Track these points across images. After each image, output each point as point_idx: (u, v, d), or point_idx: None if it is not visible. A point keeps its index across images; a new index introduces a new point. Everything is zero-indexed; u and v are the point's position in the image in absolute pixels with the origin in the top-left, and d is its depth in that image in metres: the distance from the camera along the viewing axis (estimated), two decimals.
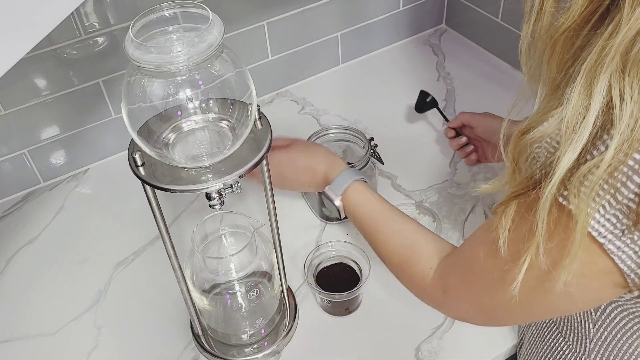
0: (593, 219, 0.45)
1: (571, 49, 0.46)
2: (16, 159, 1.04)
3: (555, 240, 0.48)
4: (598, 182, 0.43)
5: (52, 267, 0.96)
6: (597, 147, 0.44)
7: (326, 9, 1.20)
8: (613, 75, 0.41)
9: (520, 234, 0.51)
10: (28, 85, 0.98)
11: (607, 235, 0.45)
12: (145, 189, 0.62)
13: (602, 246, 0.46)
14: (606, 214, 0.45)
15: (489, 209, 0.99)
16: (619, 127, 0.42)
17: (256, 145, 0.63)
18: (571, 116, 0.44)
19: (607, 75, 0.42)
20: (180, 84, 0.58)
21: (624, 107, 0.41)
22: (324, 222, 0.99)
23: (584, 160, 0.44)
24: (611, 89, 0.42)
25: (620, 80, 0.41)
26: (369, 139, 0.97)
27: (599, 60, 0.42)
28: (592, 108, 0.43)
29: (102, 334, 0.87)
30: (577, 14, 0.44)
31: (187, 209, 1.03)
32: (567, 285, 0.48)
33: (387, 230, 0.73)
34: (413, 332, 0.83)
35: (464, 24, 1.36)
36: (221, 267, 0.77)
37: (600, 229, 0.45)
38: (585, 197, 0.44)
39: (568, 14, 0.44)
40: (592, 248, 0.47)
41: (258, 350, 0.82)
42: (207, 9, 0.57)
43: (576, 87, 0.43)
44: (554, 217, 0.47)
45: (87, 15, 0.95)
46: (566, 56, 0.46)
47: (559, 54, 0.47)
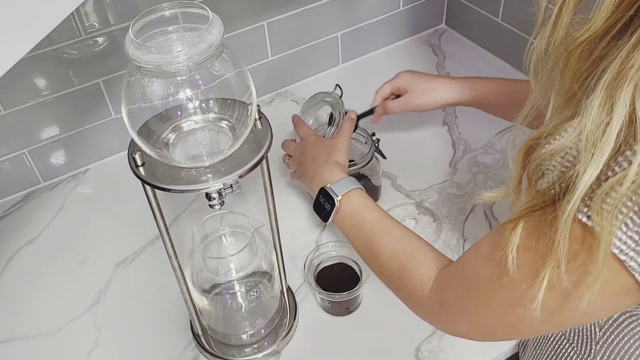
0: (615, 237, 0.44)
1: (588, 60, 0.45)
2: (16, 159, 1.04)
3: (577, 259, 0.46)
4: (621, 200, 0.42)
5: (52, 267, 0.96)
6: (619, 163, 0.42)
7: (326, 9, 1.20)
8: (637, 88, 0.40)
9: (536, 252, 0.49)
10: (28, 85, 0.98)
11: (629, 253, 0.44)
12: (145, 189, 0.62)
13: (623, 263, 0.45)
14: (629, 231, 0.44)
15: (489, 209, 0.99)
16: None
17: (256, 145, 0.63)
18: (591, 129, 0.42)
19: (630, 87, 0.40)
20: (180, 84, 0.58)
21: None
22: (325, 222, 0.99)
23: (604, 177, 0.43)
24: (635, 101, 0.40)
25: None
26: (370, 134, 0.97)
27: (622, 72, 0.40)
28: (614, 121, 0.41)
29: (102, 334, 0.87)
30: (599, 26, 0.43)
31: (187, 209, 1.03)
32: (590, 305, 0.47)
33: (388, 236, 0.70)
34: (413, 332, 0.83)
35: (464, 24, 1.36)
36: (221, 267, 0.77)
37: (622, 247, 0.44)
38: (608, 215, 0.43)
39: (589, 26, 0.43)
40: (613, 265, 0.45)
41: (258, 350, 0.82)
42: (207, 9, 0.57)
43: (596, 99, 0.42)
44: (575, 235, 0.46)
45: (87, 15, 0.95)
46: (582, 67, 0.45)
47: (574, 65, 0.46)
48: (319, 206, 0.78)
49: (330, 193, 0.76)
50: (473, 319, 0.58)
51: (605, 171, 0.43)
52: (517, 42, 1.20)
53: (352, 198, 0.75)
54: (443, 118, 1.17)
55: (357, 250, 0.75)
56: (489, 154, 1.09)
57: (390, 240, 0.70)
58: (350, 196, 0.75)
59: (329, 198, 0.76)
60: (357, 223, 0.74)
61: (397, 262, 0.68)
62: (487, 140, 1.11)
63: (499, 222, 0.96)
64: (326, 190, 0.77)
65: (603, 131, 0.42)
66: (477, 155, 1.09)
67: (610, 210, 0.43)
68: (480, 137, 1.11)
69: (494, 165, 1.06)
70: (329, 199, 0.76)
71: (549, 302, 0.50)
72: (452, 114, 1.17)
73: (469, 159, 1.08)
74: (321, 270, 0.88)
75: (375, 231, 0.72)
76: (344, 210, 0.75)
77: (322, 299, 0.85)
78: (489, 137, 1.11)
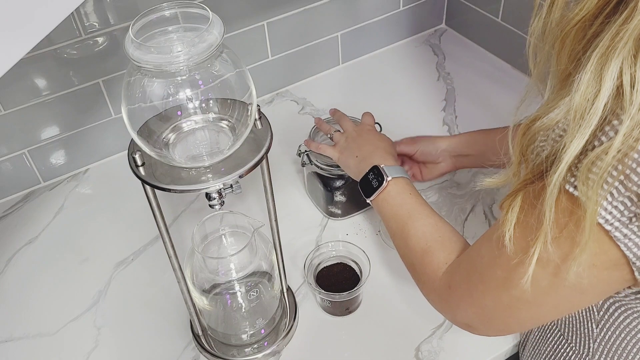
0: (601, 207, 0.44)
1: (583, 40, 0.45)
2: (16, 159, 1.04)
3: (564, 230, 0.47)
4: (607, 169, 0.43)
5: (52, 267, 0.96)
6: (605, 133, 0.43)
7: (326, 9, 1.20)
8: (625, 60, 0.41)
9: (527, 227, 0.50)
10: (28, 85, 0.98)
11: (614, 223, 0.45)
12: (145, 189, 0.62)
13: (609, 234, 0.45)
14: (614, 201, 0.44)
15: (489, 209, 0.99)
16: (629, 112, 0.41)
17: (256, 145, 0.63)
18: (579, 102, 0.43)
19: (619, 60, 0.41)
20: (180, 84, 0.58)
21: (635, 92, 0.41)
22: (327, 217, 0.99)
23: (591, 147, 0.44)
24: (622, 74, 0.41)
25: (632, 65, 0.41)
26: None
27: (612, 45, 0.41)
28: (602, 93, 0.42)
29: (102, 334, 0.87)
30: (592, 5, 0.44)
31: (187, 209, 1.03)
32: (578, 277, 0.47)
33: (422, 220, 0.73)
34: (413, 332, 0.83)
35: (464, 24, 1.36)
36: (221, 267, 0.77)
37: (607, 217, 0.45)
38: (593, 184, 0.44)
39: (582, 5, 0.44)
40: (600, 237, 0.46)
41: (258, 350, 0.82)
42: (207, 9, 0.57)
43: (586, 73, 0.43)
44: (562, 206, 0.46)
45: (87, 15, 0.95)
46: (577, 47, 0.46)
47: (570, 45, 0.46)
48: (365, 182, 0.82)
49: (382, 172, 0.79)
50: (475, 301, 0.60)
51: (592, 141, 0.44)
52: (517, 42, 1.20)
53: (400, 182, 0.79)
54: (443, 118, 1.17)
55: (389, 229, 0.78)
56: None
57: (422, 224, 0.73)
58: (398, 180, 0.79)
59: (379, 176, 0.80)
60: (397, 204, 0.77)
61: (422, 244, 0.71)
62: None
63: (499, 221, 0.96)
64: (379, 168, 0.80)
65: (592, 103, 0.43)
66: None
67: (595, 180, 0.44)
68: None
69: None
70: (379, 177, 0.80)
71: (540, 279, 0.51)
72: (452, 114, 1.17)
73: None
74: (321, 270, 0.88)
75: (411, 214, 0.75)
76: (389, 191, 0.78)
77: (322, 299, 0.85)
78: None
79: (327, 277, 0.88)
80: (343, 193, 0.95)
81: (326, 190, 0.95)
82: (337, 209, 0.98)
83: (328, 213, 0.99)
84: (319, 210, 1.01)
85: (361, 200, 0.97)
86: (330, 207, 0.98)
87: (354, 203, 0.98)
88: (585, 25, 0.45)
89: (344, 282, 0.86)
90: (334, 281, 0.86)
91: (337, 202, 0.97)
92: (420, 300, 0.87)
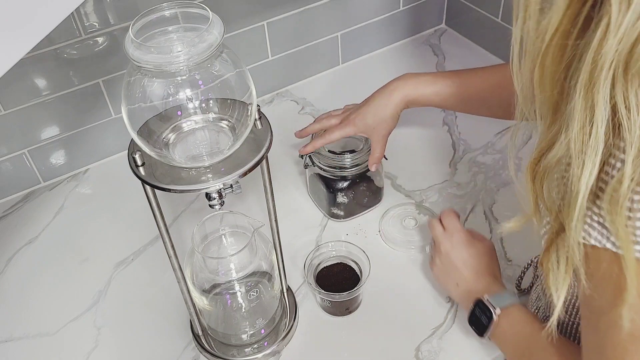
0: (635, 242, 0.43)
1: (562, 61, 0.44)
2: (16, 159, 1.04)
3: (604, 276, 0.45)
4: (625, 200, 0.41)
5: (52, 267, 0.96)
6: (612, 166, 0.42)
7: (326, 9, 1.20)
8: (616, 85, 0.40)
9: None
10: (28, 85, 0.98)
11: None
12: (145, 189, 0.62)
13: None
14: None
15: (489, 209, 0.99)
16: (632, 135, 0.40)
17: (256, 145, 0.63)
18: (577, 133, 0.42)
19: (606, 86, 0.40)
20: (180, 84, 0.58)
21: (632, 117, 0.40)
22: (329, 218, 0.99)
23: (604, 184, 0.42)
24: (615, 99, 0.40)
25: (623, 90, 0.40)
26: None
27: (594, 71, 0.40)
28: (598, 120, 0.40)
29: (102, 334, 0.87)
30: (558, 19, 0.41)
31: (187, 209, 1.03)
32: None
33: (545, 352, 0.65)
34: (413, 332, 0.83)
35: (464, 24, 1.36)
36: (221, 267, 0.77)
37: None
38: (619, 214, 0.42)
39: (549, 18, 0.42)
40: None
41: (258, 350, 0.82)
42: (207, 9, 0.57)
43: (577, 103, 0.41)
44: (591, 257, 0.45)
45: (87, 15, 0.95)
46: (558, 69, 0.44)
47: (550, 67, 0.45)
48: (474, 319, 0.74)
49: (488, 306, 0.72)
50: None
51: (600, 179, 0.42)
52: None
53: (511, 312, 0.71)
54: (443, 118, 1.17)
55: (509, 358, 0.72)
56: (489, 154, 1.09)
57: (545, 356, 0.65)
58: (508, 311, 0.71)
59: (487, 310, 0.72)
60: (513, 336, 0.70)
61: None
62: (487, 140, 1.11)
63: (498, 222, 0.96)
64: (483, 302, 0.73)
65: (589, 132, 0.41)
66: (477, 155, 1.09)
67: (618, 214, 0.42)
68: (480, 137, 1.11)
69: (493, 165, 1.06)
70: (487, 311, 0.72)
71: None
72: (452, 114, 1.17)
73: (469, 159, 1.08)
74: (321, 270, 0.88)
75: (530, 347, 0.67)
76: (501, 325, 0.71)
77: (322, 299, 0.85)
78: (489, 137, 1.11)
79: (327, 277, 0.88)
80: (346, 194, 0.95)
81: (329, 192, 0.95)
82: (340, 211, 0.98)
83: (330, 215, 0.99)
84: (321, 211, 1.00)
85: (364, 201, 0.97)
86: (332, 208, 0.97)
87: (356, 204, 0.98)
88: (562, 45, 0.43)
89: (344, 282, 0.86)
90: (334, 281, 0.86)
91: (339, 204, 0.96)
92: (420, 300, 0.87)
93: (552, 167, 0.46)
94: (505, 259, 0.91)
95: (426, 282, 0.89)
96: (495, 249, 0.83)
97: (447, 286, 0.81)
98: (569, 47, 0.43)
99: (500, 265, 0.89)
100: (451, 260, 0.80)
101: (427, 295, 0.87)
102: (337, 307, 0.85)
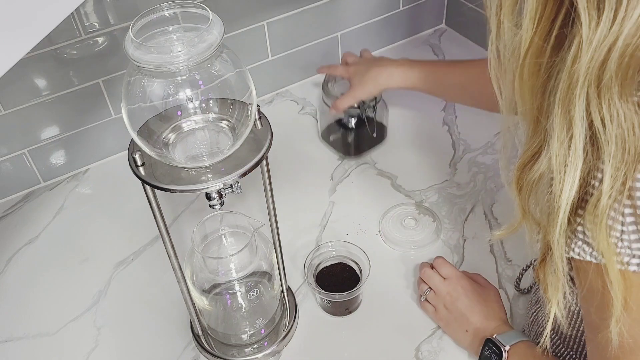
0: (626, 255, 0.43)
1: (539, 76, 0.44)
2: (16, 159, 1.04)
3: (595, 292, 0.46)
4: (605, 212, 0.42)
5: (52, 267, 0.96)
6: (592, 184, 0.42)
7: (326, 9, 1.20)
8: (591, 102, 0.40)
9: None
10: (28, 85, 0.98)
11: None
12: (145, 189, 0.62)
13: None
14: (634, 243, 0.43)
15: (489, 209, 0.99)
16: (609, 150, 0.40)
17: (256, 145, 0.63)
18: (557, 148, 0.42)
19: (582, 102, 0.40)
20: (180, 84, 0.58)
21: (608, 132, 0.40)
22: (344, 157, 1.10)
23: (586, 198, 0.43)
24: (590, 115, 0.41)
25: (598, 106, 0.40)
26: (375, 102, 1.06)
27: (570, 88, 0.40)
28: (576, 135, 0.41)
29: (102, 334, 0.87)
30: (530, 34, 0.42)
31: (187, 209, 1.03)
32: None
33: None
34: (413, 332, 0.83)
35: (464, 24, 1.36)
36: (221, 267, 0.77)
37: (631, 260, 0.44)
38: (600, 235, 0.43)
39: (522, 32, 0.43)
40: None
41: (258, 350, 0.82)
42: (207, 9, 0.57)
43: (555, 118, 0.42)
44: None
45: (87, 15, 0.95)
46: (536, 83, 0.45)
47: (528, 82, 0.45)
48: (483, 358, 0.75)
49: (497, 344, 0.73)
50: None
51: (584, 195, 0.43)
52: None
53: (519, 349, 0.72)
54: (443, 118, 1.17)
55: None
56: (489, 154, 1.08)
57: None
58: (517, 347, 0.72)
59: (496, 348, 0.73)
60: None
61: None
62: (487, 140, 1.11)
63: (498, 222, 0.96)
64: (493, 341, 0.73)
65: (568, 147, 0.42)
66: (477, 155, 1.09)
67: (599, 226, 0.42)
68: (480, 137, 1.11)
69: (493, 165, 1.06)
70: (496, 349, 0.73)
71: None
72: (452, 114, 1.17)
73: (469, 159, 1.08)
74: (321, 270, 0.88)
75: None
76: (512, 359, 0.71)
77: (322, 299, 0.85)
78: (489, 137, 1.11)
79: (327, 277, 0.88)
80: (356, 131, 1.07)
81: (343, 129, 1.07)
82: (353, 148, 1.09)
83: (346, 153, 1.10)
84: (334, 152, 1.10)
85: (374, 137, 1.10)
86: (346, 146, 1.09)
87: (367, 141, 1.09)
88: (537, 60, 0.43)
89: (344, 282, 0.86)
90: (334, 281, 0.86)
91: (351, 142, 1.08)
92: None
93: (536, 182, 0.47)
94: (505, 259, 0.91)
95: None
96: (499, 294, 0.83)
97: (456, 334, 0.80)
98: (544, 64, 0.43)
99: (500, 265, 0.90)
100: (458, 308, 0.79)
101: None
102: (337, 307, 0.85)
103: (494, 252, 0.92)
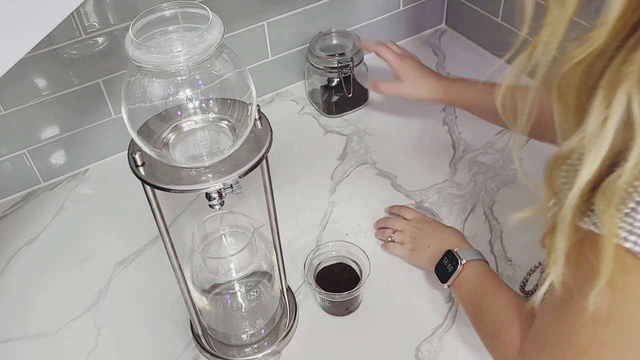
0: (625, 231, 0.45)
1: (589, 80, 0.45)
2: (16, 159, 1.04)
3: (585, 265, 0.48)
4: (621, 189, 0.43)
5: (52, 267, 0.96)
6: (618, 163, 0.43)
7: (326, 9, 1.20)
8: (633, 88, 0.41)
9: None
10: (28, 85, 0.98)
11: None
12: (145, 189, 0.62)
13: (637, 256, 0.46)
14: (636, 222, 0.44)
15: (489, 209, 0.99)
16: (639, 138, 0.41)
17: (256, 145, 0.63)
18: (592, 127, 0.43)
19: (626, 86, 0.41)
20: (180, 84, 0.58)
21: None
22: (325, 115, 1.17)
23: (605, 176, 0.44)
24: (630, 101, 0.41)
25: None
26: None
27: (620, 72, 0.41)
28: (612, 118, 0.42)
29: (102, 334, 0.87)
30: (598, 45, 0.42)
31: (187, 209, 1.03)
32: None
33: (496, 299, 0.73)
34: (413, 332, 0.83)
35: (464, 24, 1.36)
36: (221, 267, 0.77)
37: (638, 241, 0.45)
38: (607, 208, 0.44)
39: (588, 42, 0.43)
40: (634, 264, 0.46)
41: (258, 350, 0.82)
42: (207, 9, 0.57)
43: (596, 100, 0.43)
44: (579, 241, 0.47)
45: (87, 15, 0.95)
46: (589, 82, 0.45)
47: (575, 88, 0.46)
48: (441, 268, 0.82)
49: (456, 256, 0.80)
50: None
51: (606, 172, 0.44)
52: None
53: (474, 265, 0.79)
54: (443, 118, 1.17)
55: (466, 312, 0.78)
56: (489, 154, 1.09)
57: (496, 303, 0.72)
58: (473, 263, 0.80)
59: (453, 260, 0.80)
60: (472, 287, 0.78)
61: (496, 323, 0.70)
62: (487, 140, 1.11)
63: (498, 222, 0.96)
64: (453, 253, 0.81)
65: (602, 127, 0.43)
66: (477, 155, 1.09)
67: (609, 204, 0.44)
68: (480, 137, 1.11)
69: (494, 165, 1.06)
70: (453, 261, 0.80)
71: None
72: (452, 114, 1.17)
73: (469, 159, 1.08)
74: (321, 270, 0.88)
75: (485, 294, 0.75)
76: (464, 275, 0.79)
77: (322, 299, 0.85)
78: (489, 137, 1.11)
79: (327, 277, 0.88)
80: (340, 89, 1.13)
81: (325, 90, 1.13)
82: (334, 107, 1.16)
83: (327, 111, 1.17)
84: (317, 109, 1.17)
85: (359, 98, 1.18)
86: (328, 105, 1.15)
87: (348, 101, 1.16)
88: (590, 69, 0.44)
89: (344, 282, 0.86)
90: (334, 281, 0.86)
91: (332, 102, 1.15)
92: (420, 300, 0.87)
93: (564, 157, 0.48)
94: (506, 258, 0.91)
95: (426, 282, 0.89)
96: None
97: (419, 256, 0.88)
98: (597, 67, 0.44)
99: (500, 266, 0.90)
100: (425, 232, 0.89)
101: (427, 295, 0.87)
102: (337, 307, 0.85)
103: (494, 252, 0.92)
